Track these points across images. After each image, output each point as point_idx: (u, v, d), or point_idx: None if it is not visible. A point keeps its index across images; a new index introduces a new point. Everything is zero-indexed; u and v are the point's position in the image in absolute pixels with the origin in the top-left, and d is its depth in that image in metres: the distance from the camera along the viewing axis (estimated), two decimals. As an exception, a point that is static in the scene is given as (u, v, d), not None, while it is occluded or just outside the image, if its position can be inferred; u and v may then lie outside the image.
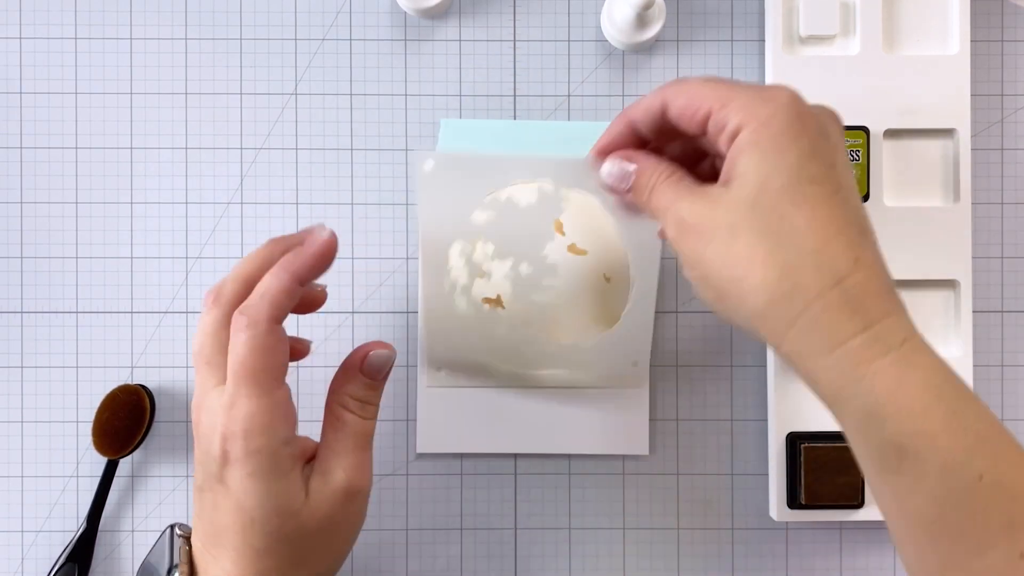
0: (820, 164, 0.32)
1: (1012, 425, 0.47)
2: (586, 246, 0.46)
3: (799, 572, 0.48)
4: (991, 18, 0.48)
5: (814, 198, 0.31)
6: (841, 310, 0.30)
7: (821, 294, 0.31)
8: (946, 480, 0.29)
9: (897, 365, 0.30)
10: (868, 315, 0.30)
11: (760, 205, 0.32)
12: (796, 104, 0.33)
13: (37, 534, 0.47)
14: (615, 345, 0.46)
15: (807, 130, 0.32)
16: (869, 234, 0.32)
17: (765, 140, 0.32)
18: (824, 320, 0.30)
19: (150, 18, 0.48)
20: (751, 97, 0.33)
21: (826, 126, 0.33)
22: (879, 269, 0.31)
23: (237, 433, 0.34)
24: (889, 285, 0.31)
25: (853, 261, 0.31)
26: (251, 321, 0.35)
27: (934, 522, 0.30)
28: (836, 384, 0.31)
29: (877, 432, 0.30)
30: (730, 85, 0.34)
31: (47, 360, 0.47)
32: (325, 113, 0.47)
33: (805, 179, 0.31)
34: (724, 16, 0.48)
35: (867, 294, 0.31)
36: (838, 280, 0.30)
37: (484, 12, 0.48)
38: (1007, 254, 0.48)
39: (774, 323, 0.32)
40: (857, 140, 0.44)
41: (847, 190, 0.32)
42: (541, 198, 0.44)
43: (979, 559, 0.29)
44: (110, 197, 0.47)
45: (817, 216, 0.31)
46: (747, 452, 0.47)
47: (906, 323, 0.31)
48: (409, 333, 0.47)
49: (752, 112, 0.33)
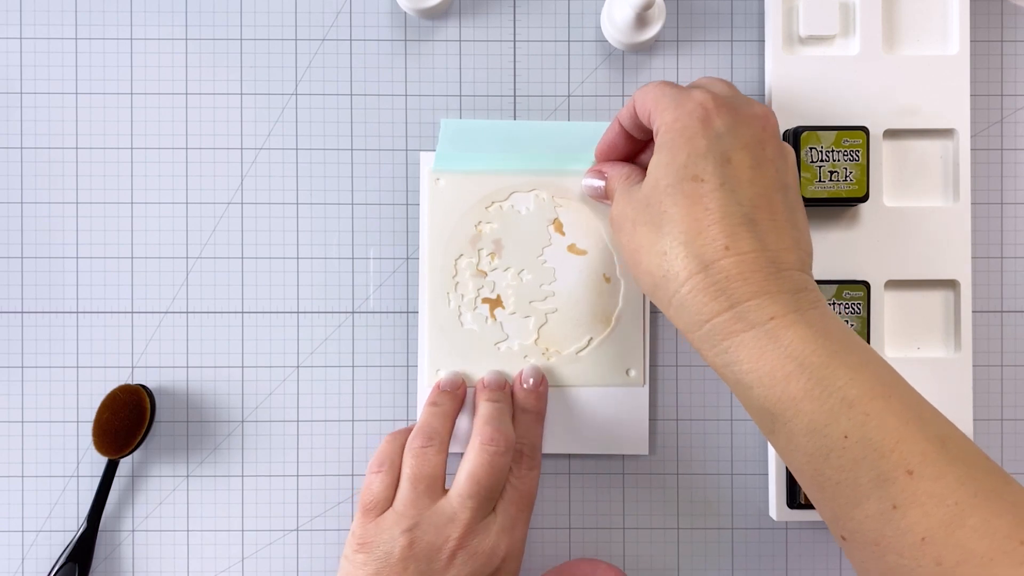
0: (711, 161, 0.35)
1: (1011, 425, 0.47)
2: (586, 246, 0.46)
3: (799, 572, 0.48)
4: (991, 18, 0.48)
5: (693, 195, 0.35)
6: (706, 292, 0.34)
7: (688, 278, 0.35)
8: (813, 440, 0.33)
9: (759, 339, 0.34)
10: (732, 297, 0.34)
11: (651, 201, 0.36)
12: (704, 105, 0.36)
13: (37, 534, 0.47)
14: (609, 352, 0.46)
15: (707, 129, 0.36)
16: (757, 223, 0.35)
17: (667, 142, 0.37)
18: (690, 301, 0.35)
19: (150, 18, 0.48)
20: (671, 99, 0.37)
21: (739, 126, 0.36)
22: (756, 255, 0.34)
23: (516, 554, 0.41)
24: (769, 269, 0.34)
25: (722, 249, 0.34)
26: (538, 463, 0.44)
27: (814, 477, 0.34)
28: (707, 356, 0.36)
29: (747, 399, 0.35)
30: (666, 89, 0.38)
31: (47, 360, 0.47)
32: (325, 113, 0.48)
33: (689, 177, 0.35)
34: (724, 16, 0.48)
35: (732, 278, 0.34)
36: (704, 266, 0.34)
37: (484, 12, 0.48)
38: (1007, 254, 0.48)
39: (659, 301, 0.37)
40: (857, 140, 0.44)
41: (736, 182, 0.35)
42: (539, 204, 0.46)
43: (857, 509, 0.32)
44: (110, 197, 0.47)
45: (692, 211, 0.35)
46: (747, 452, 0.47)
47: (781, 303, 0.34)
48: (409, 333, 0.47)
49: (666, 115, 0.37)
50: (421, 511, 0.40)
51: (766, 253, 0.34)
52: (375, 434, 0.47)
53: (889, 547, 0.31)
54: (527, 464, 0.43)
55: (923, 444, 0.31)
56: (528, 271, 0.46)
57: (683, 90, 0.38)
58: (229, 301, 0.47)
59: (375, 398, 0.47)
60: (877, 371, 0.33)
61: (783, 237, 0.35)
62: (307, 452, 0.47)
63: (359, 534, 0.40)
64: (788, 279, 0.34)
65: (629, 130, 0.41)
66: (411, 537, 0.39)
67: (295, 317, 0.47)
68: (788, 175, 0.37)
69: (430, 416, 0.43)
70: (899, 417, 0.32)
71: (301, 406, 0.47)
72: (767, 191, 0.36)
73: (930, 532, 0.30)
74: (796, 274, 0.35)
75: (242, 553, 0.47)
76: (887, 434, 0.32)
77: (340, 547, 0.47)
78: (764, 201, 0.35)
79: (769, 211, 0.35)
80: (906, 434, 0.32)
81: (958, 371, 0.45)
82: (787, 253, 0.35)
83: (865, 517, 0.32)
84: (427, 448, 0.42)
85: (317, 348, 0.47)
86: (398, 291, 0.48)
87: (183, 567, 0.47)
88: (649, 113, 0.38)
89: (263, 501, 0.47)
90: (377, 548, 0.39)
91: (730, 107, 0.37)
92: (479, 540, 0.40)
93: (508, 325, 0.46)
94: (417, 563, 0.39)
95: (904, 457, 0.31)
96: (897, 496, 0.31)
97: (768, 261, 0.34)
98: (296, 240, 0.47)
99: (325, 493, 0.47)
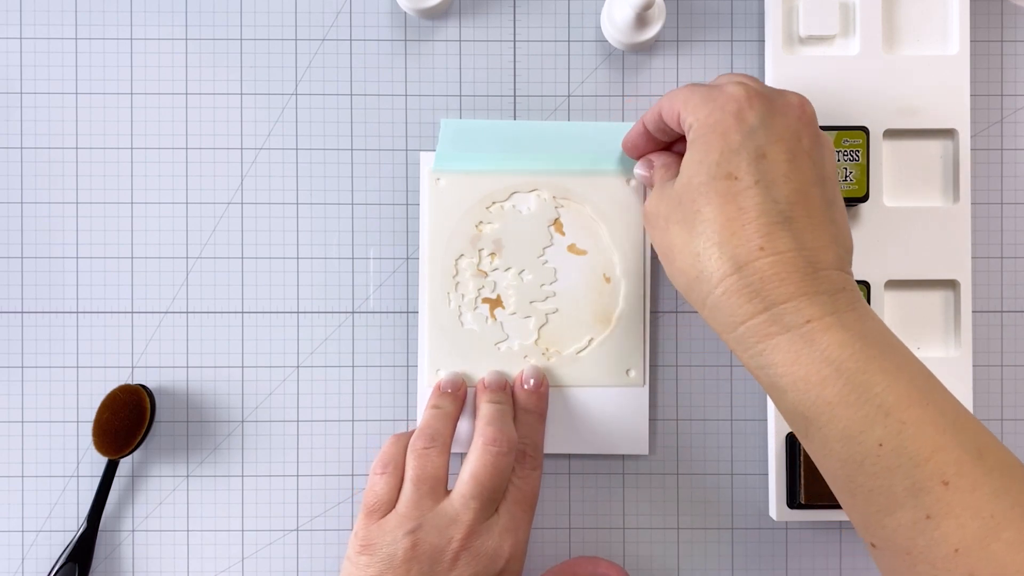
0: (745, 158, 0.34)
1: (1012, 425, 0.47)
2: (586, 246, 0.46)
3: (799, 572, 0.48)
4: (991, 18, 0.48)
5: (727, 193, 0.34)
6: (740, 294, 0.34)
7: (722, 280, 0.34)
8: (847, 447, 0.32)
9: (794, 342, 0.33)
10: (767, 299, 0.33)
11: (684, 200, 0.36)
12: (737, 98, 0.35)
13: (37, 534, 0.47)
14: (610, 352, 0.46)
15: (741, 124, 0.35)
16: (794, 221, 0.34)
17: (699, 139, 0.36)
18: (724, 303, 0.34)
19: (150, 18, 0.48)
20: (701, 97, 0.37)
21: (774, 117, 0.35)
22: (793, 255, 0.34)
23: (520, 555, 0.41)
24: (806, 269, 0.33)
25: (757, 250, 0.34)
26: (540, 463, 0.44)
27: (846, 483, 0.33)
28: (742, 358, 0.35)
29: (781, 401, 0.34)
30: (695, 88, 0.37)
31: (47, 360, 0.47)
32: (325, 113, 0.47)
33: (723, 175, 0.35)
34: (724, 16, 0.48)
35: (768, 280, 0.33)
36: (738, 267, 0.34)
37: (484, 12, 0.48)
38: (1007, 254, 0.48)
39: (693, 302, 0.36)
40: (857, 140, 0.44)
41: (772, 179, 0.34)
42: (540, 204, 0.46)
43: (890, 517, 0.32)
44: (110, 197, 0.47)
45: (726, 210, 0.34)
46: (747, 452, 0.47)
47: (818, 305, 0.33)
48: (409, 333, 0.47)
49: (697, 112, 0.36)
50: (424, 513, 0.40)
51: (803, 252, 0.34)
52: (375, 434, 0.47)
53: (921, 557, 0.31)
54: (529, 464, 0.43)
55: (959, 454, 0.31)
56: (529, 271, 0.46)
57: (713, 86, 0.37)
58: (229, 301, 0.47)
59: (375, 398, 0.47)
60: (914, 376, 0.32)
61: (820, 234, 0.34)
62: (307, 452, 0.47)
63: (362, 535, 0.40)
64: (825, 279, 0.34)
65: (654, 133, 0.41)
66: (414, 539, 0.39)
67: (295, 317, 0.47)
68: (826, 166, 0.36)
69: (432, 418, 0.43)
70: (936, 426, 0.31)
71: (301, 406, 0.47)
72: (804, 186, 0.35)
73: (964, 544, 0.30)
74: (834, 273, 0.34)
75: (242, 553, 0.47)
76: (923, 443, 0.31)
77: (340, 547, 0.47)
78: (801, 197, 0.34)
79: (806, 208, 0.34)
80: (942, 443, 0.31)
81: (958, 371, 0.45)
82: (825, 251, 0.34)
83: (897, 526, 0.31)
84: (430, 450, 0.42)
85: (317, 348, 0.47)
86: (398, 291, 0.48)
87: (183, 567, 0.47)
88: (678, 115, 0.38)
89: (263, 501, 0.47)
90: (380, 550, 0.39)
91: (763, 98, 0.36)
92: (482, 541, 0.40)
93: (508, 325, 0.46)
94: (420, 565, 0.39)
95: (940, 467, 0.31)
96: (931, 506, 0.30)
97: (805, 261, 0.34)
98: (296, 240, 0.47)
99: (325, 493, 0.47)
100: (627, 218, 0.46)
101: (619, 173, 0.46)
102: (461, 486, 0.41)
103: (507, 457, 0.41)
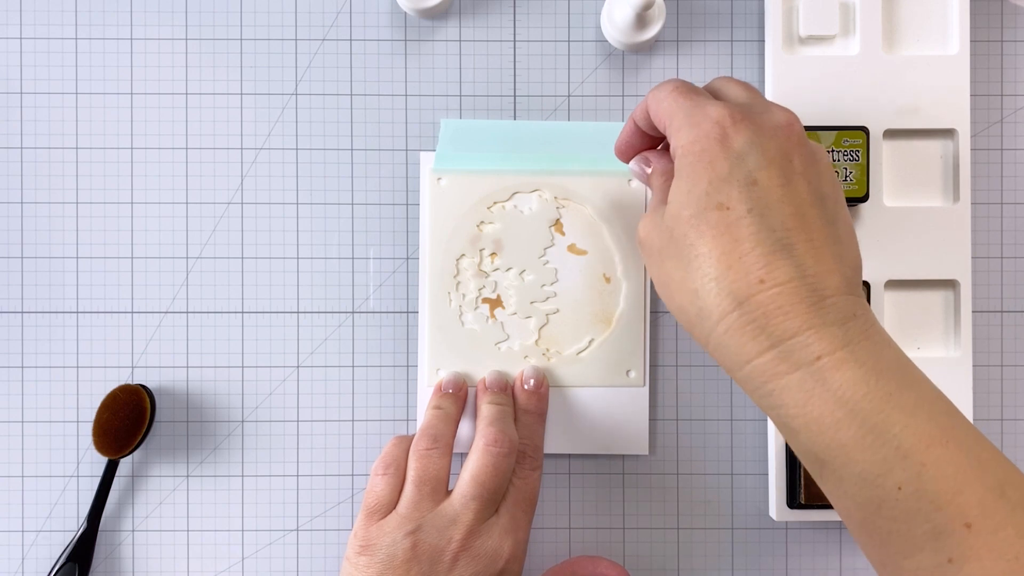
0: (735, 186, 0.32)
1: (1011, 425, 0.47)
2: (586, 247, 0.46)
3: (799, 572, 0.48)
4: (991, 18, 0.48)
5: (719, 225, 0.32)
6: (743, 331, 0.32)
7: (723, 317, 0.32)
8: (864, 490, 0.31)
9: (805, 382, 0.31)
10: (773, 335, 0.31)
11: (675, 234, 0.34)
12: (721, 123, 0.33)
13: (37, 534, 0.47)
14: (610, 352, 0.46)
15: (727, 150, 0.33)
16: (794, 247, 0.32)
17: (686, 167, 0.34)
18: (728, 341, 0.32)
19: (150, 18, 0.48)
20: (686, 117, 0.34)
21: (762, 139, 0.33)
22: (796, 284, 0.31)
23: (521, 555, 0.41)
24: (811, 298, 0.31)
25: (757, 283, 0.31)
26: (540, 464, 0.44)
27: (862, 524, 0.32)
28: (753, 397, 0.33)
29: (794, 442, 0.32)
30: (681, 101, 0.35)
31: (47, 360, 0.47)
32: (325, 113, 0.47)
33: (713, 206, 0.33)
34: (724, 16, 0.48)
35: (771, 314, 0.31)
36: (739, 303, 0.32)
37: (484, 12, 0.48)
38: (1007, 254, 0.48)
39: (697, 339, 0.34)
40: (857, 140, 0.44)
41: (765, 205, 0.32)
42: (541, 204, 0.46)
43: (909, 560, 0.31)
44: (110, 197, 0.47)
45: (719, 243, 0.32)
46: (747, 452, 0.48)
47: (827, 338, 0.31)
48: (409, 333, 0.47)
49: (682, 136, 0.34)
50: (424, 513, 0.40)
51: (807, 280, 0.32)
52: (375, 434, 0.47)
53: None
54: (530, 465, 0.43)
55: (982, 493, 0.29)
56: (529, 271, 0.46)
57: (698, 103, 0.35)
58: (229, 301, 0.47)
59: (375, 398, 0.47)
60: (934, 413, 0.31)
61: (824, 258, 0.32)
62: (307, 452, 0.47)
63: (362, 536, 0.40)
64: (833, 307, 0.31)
65: (645, 130, 0.39)
66: (414, 540, 0.39)
67: (295, 317, 0.47)
68: (823, 183, 0.34)
69: (434, 419, 0.43)
70: (956, 466, 0.30)
71: (301, 406, 0.47)
72: (801, 208, 0.33)
73: None
74: (842, 300, 0.32)
75: (242, 553, 0.47)
76: (944, 485, 0.30)
77: (340, 547, 0.47)
78: (799, 222, 0.32)
79: (806, 231, 0.32)
80: (964, 484, 0.30)
81: (958, 371, 0.45)
82: (830, 275, 0.32)
83: (917, 568, 0.30)
84: (431, 451, 0.41)
85: (317, 348, 0.47)
86: (398, 291, 0.48)
87: (183, 567, 0.47)
88: (664, 125, 0.36)
89: (263, 501, 0.47)
90: (380, 551, 0.39)
91: (749, 119, 0.34)
92: (482, 542, 0.40)
93: (509, 325, 0.46)
94: (420, 565, 0.39)
95: (962, 509, 0.29)
96: (953, 550, 0.29)
97: (810, 289, 0.31)
98: (296, 240, 0.47)
99: (325, 493, 0.47)
100: (628, 218, 0.46)
101: (620, 173, 0.46)
102: (462, 487, 0.41)
103: (508, 458, 0.41)
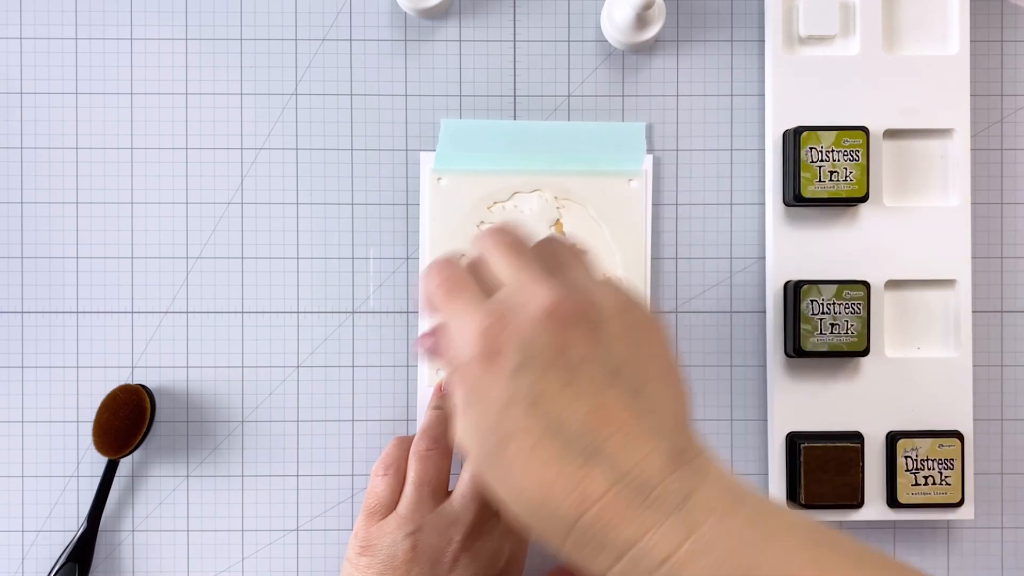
0: (520, 407, 0.30)
1: (1011, 425, 0.47)
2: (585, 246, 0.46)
3: (799, 572, 0.48)
4: (991, 18, 0.48)
5: (516, 459, 0.30)
6: (584, 552, 0.29)
7: (561, 543, 0.30)
8: None
9: None
10: (616, 547, 0.29)
11: (479, 472, 0.31)
12: (485, 339, 0.30)
13: (37, 534, 0.47)
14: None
15: (498, 374, 0.30)
16: (602, 451, 0.29)
17: (462, 403, 0.31)
18: (576, 560, 0.30)
19: (150, 18, 0.48)
20: (455, 330, 0.32)
21: (527, 347, 0.30)
22: (614, 493, 0.29)
23: None
24: (638, 499, 0.29)
25: (576, 506, 0.29)
26: None
27: None
28: None
29: None
30: (447, 304, 0.33)
31: (47, 360, 0.47)
32: (325, 113, 0.47)
33: (507, 437, 0.30)
34: (724, 16, 0.48)
35: (604, 530, 0.29)
36: (568, 529, 0.29)
37: (484, 12, 0.48)
38: (1007, 254, 0.48)
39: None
40: (857, 140, 0.44)
41: (556, 421, 0.29)
42: (541, 204, 0.46)
43: None
44: (110, 197, 0.47)
45: (526, 478, 0.29)
46: (747, 452, 0.47)
47: (670, 534, 0.28)
48: (409, 333, 0.47)
49: (452, 356, 0.32)
50: (424, 514, 0.40)
51: (626, 481, 0.29)
52: (375, 434, 0.47)
53: None
54: None
55: None
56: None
57: (459, 312, 0.32)
58: (229, 301, 0.47)
59: (375, 398, 0.47)
60: (802, 564, 0.28)
61: (639, 443, 0.29)
62: (307, 452, 0.47)
63: (362, 537, 0.40)
64: (665, 495, 0.29)
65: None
66: (414, 540, 0.39)
67: (295, 317, 0.47)
68: (613, 355, 0.31)
69: (434, 419, 0.43)
70: None
71: (301, 406, 0.47)
72: (595, 400, 0.30)
73: None
74: (672, 481, 0.29)
75: (242, 553, 0.47)
76: None
77: (340, 547, 0.47)
78: (597, 418, 0.29)
79: (608, 424, 0.29)
80: None
81: (958, 371, 0.45)
82: (649, 461, 0.29)
83: None
84: (432, 452, 0.41)
85: (317, 348, 0.47)
86: (398, 291, 0.47)
87: (183, 567, 0.47)
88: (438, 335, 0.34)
89: (263, 501, 0.47)
90: (380, 551, 0.39)
91: (510, 324, 0.30)
92: (482, 542, 0.40)
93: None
94: (420, 566, 0.39)
95: None
96: None
97: (633, 491, 0.29)
98: (296, 240, 0.47)
99: (325, 493, 0.47)
100: (628, 218, 0.46)
101: (619, 173, 0.46)
102: (462, 487, 0.41)
103: None
